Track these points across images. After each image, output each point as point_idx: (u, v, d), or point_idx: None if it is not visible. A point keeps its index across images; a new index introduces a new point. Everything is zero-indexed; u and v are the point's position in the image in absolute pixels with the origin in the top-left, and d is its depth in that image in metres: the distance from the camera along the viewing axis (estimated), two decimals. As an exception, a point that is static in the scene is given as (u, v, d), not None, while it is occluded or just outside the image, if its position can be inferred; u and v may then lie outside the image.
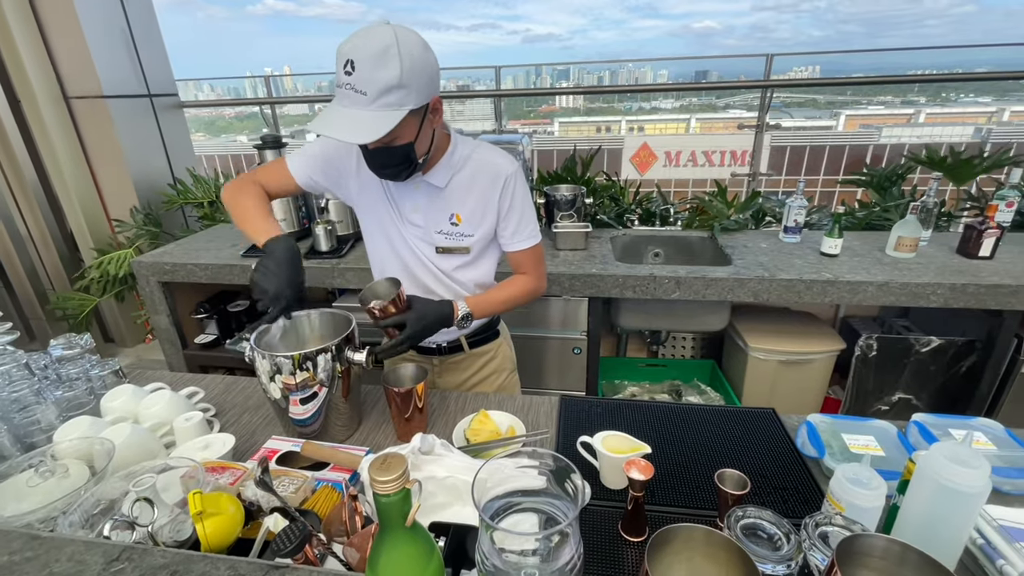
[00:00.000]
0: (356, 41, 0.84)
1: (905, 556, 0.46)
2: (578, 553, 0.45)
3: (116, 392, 1.01)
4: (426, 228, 1.10)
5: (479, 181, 1.07)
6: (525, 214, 1.11)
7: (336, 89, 0.87)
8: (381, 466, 0.41)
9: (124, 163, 2.72)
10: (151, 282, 2.17)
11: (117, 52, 2.67)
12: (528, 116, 18.75)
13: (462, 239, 1.10)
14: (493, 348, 1.29)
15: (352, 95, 0.85)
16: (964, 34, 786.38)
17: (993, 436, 0.90)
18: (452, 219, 1.09)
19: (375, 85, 0.84)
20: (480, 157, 1.07)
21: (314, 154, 1.10)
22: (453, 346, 1.23)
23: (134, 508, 0.65)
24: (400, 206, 1.10)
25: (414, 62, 0.85)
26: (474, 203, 1.08)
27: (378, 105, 0.85)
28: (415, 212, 1.10)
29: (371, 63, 0.83)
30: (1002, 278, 1.66)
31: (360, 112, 0.86)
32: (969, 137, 10.30)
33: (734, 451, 0.95)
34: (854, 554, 0.46)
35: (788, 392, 2.02)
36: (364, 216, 1.16)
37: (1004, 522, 0.71)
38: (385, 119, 0.86)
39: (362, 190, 1.11)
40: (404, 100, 0.87)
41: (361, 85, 0.84)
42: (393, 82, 0.84)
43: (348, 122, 0.86)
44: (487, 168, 1.07)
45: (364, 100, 0.85)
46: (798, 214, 2.02)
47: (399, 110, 0.87)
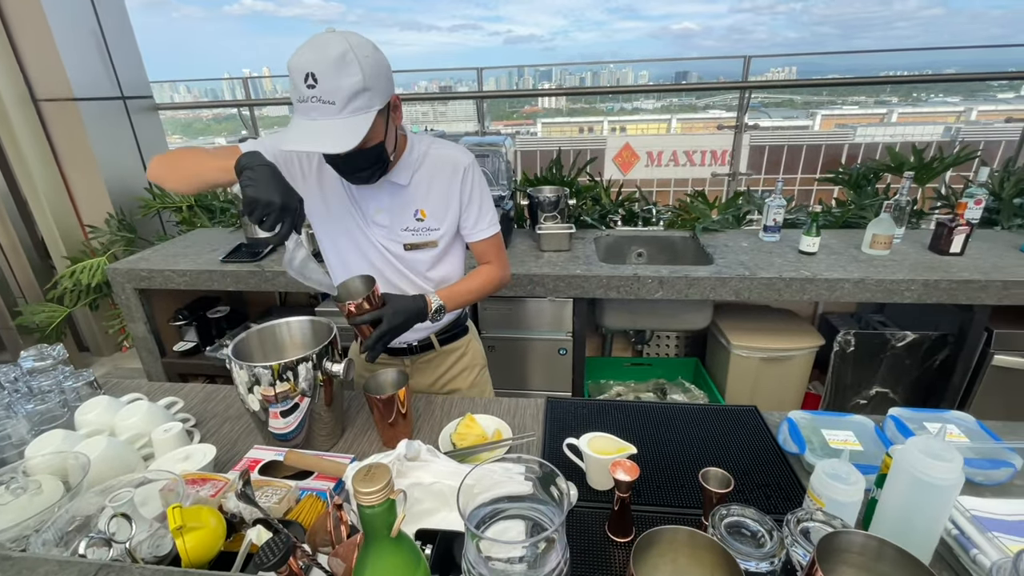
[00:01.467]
0: (310, 54, 0.83)
1: (882, 551, 0.47)
2: (564, 559, 0.45)
3: (91, 404, 0.98)
4: (391, 227, 1.10)
5: (439, 175, 1.09)
6: (484, 203, 1.14)
7: (299, 105, 0.86)
8: (365, 477, 0.41)
9: (97, 167, 2.65)
10: (127, 289, 2.12)
11: (88, 54, 2.60)
12: (511, 117, 18.76)
13: (429, 233, 1.11)
14: (463, 344, 1.30)
15: (320, 107, 0.84)
16: (933, 36, 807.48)
17: (966, 429, 0.92)
18: (417, 215, 1.10)
19: (342, 93, 0.83)
20: (437, 152, 1.09)
21: (279, 152, 1.06)
22: (424, 344, 1.24)
23: (111, 524, 0.64)
24: (364, 209, 1.10)
25: (371, 63, 0.86)
26: (437, 197, 1.10)
27: (348, 111, 0.85)
28: (379, 212, 1.10)
29: (333, 72, 0.83)
30: (972, 273, 1.71)
31: (332, 122, 0.85)
32: (939, 136, 10.61)
33: (718, 449, 0.96)
34: (834, 551, 0.47)
35: (770, 388, 2.05)
36: (325, 224, 1.15)
37: (977, 512, 0.73)
38: (358, 124, 0.86)
39: (325, 198, 1.10)
40: (371, 102, 0.87)
41: (328, 95, 0.83)
42: (358, 86, 0.84)
43: (322, 134, 0.85)
44: (445, 162, 1.09)
45: (334, 109, 0.84)
46: (777, 213, 2.06)
47: (368, 112, 0.87)
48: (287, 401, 0.92)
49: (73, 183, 2.71)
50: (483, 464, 0.54)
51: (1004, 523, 0.71)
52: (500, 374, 2.13)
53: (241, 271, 2.03)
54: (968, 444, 0.88)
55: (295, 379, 0.91)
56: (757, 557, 0.59)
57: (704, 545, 0.49)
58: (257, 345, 1.01)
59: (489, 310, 2.02)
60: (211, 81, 4.96)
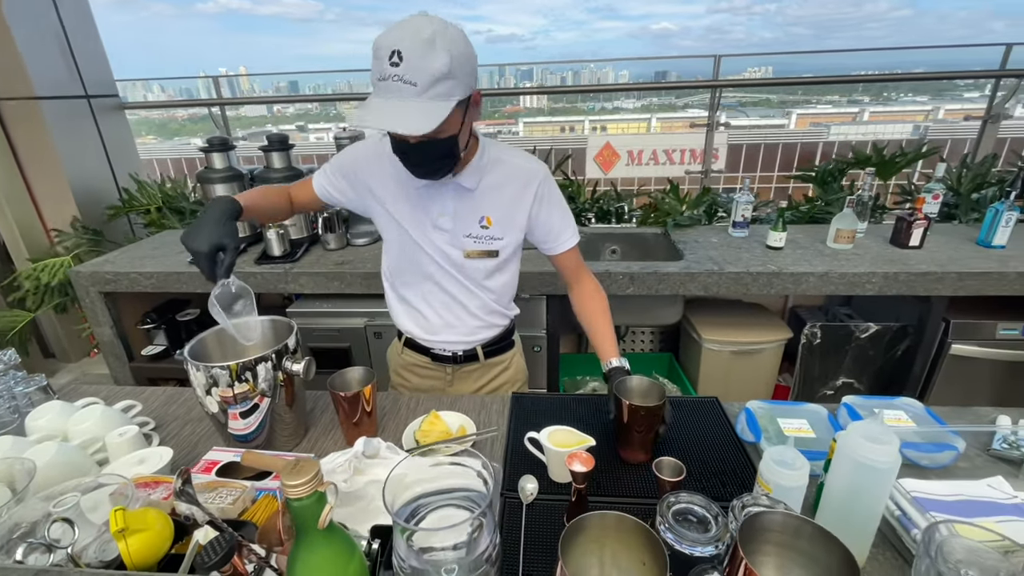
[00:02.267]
0: (400, 32, 0.80)
1: (801, 528, 0.49)
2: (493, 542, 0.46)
3: (42, 409, 0.96)
4: (454, 232, 1.07)
5: (510, 184, 1.06)
6: (565, 214, 1.11)
7: (378, 84, 0.83)
8: (292, 470, 0.41)
9: (60, 168, 2.58)
10: (91, 293, 2.07)
11: (49, 51, 2.52)
12: (493, 116, 18.75)
13: (492, 242, 1.08)
14: (507, 358, 1.28)
15: (400, 87, 0.81)
16: (902, 36, 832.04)
17: (913, 414, 0.96)
18: (482, 222, 1.07)
19: (425, 75, 0.80)
20: (510, 160, 1.07)
21: (337, 167, 1.09)
22: (469, 355, 1.22)
23: (52, 529, 0.62)
24: (426, 212, 1.07)
25: (459, 51, 0.83)
26: (505, 205, 1.06)
27: (429, 95, 0.82)
28: (443, 216, 1.06)
29: (420, 52, 0.79)
30: (929, 266, 1.77)
31: (410, 103, 0.82)
32: (908, 134, 10.91)
33: (678, 439, 0.98)
34: (756, 531, 0.49)
35: (741, 381, 2.09)
36: (388, 225, 1.12)
37: (918, 494, 0.75)
38: (437, 109, 0.82)
39: (390, 196, 1.08)
40: (452, 91, 0.84)
41: (411, 75, 0.80)
42: (443, 71, 0.81)
43: (398, 113, 0.82)
44: (519, 172, 1.06)
45: (414, 91, 0.81)
46: (745, 209, 2.10)
47: (448, 100, 0.84)
48: (246, 402, 0.91)
49: (35, 184, 2.63)
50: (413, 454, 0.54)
51: (943, 503, 0.74)
52: (475, 372, 2.13)
53: (210, 273, 2.00)
54: (914, 429, 0.91)
55: (254, 379, 0.90)
56: (702, 542, 0.60)
57: (631, 528, 0.50)
58: (215, 346, 0.99)
59: (463, 308, 2.01)
60: (186, 80, 4.84)
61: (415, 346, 1.24)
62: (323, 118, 13.16)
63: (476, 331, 1.20)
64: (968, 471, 0.87)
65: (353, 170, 1.09)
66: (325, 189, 1.12)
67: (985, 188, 2.25)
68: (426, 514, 0.51)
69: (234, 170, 2.19)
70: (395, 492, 0.48)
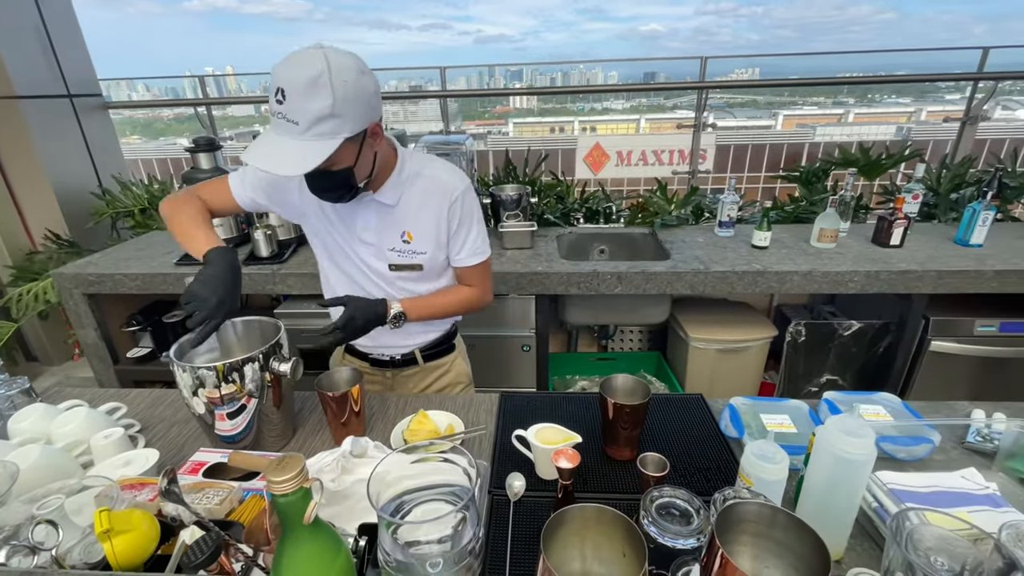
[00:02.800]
0: (287, 69, 0.81)
1: (775, 518, 0.50)
2: (476, 535, 0.47)
3: (25, 412, 0.95)
4: (378, 246, 1.09)
5: (430, 199, 1.06)
6: (473, 231, 1.11)
7: (271, 116, 0.85)
8: (278, 467, 0.41)
9: (42, 168, 2.54)
10: (75, 295, 2.04)
11: (30, 49, 2.49)
12: (483, 117, 18.72)
13: (414, 256, 1.09)
14: (448, 362, 1.29)
15: (284, 124, 0.83)
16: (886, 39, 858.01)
17: (892, 409, 0.98)
18: (403, 236, 1.08)
19: (306, 116, 0.82)
20: (430, 174, 1.06)
21: (255, 176, 1.08)
22: (407, 359, 1.23)
23: (35, 531, 0.62)
24: (350, 225, 1.08)
25: (347, 90, 0.83)
26: (425, 220, 1.07)
27: (311, 135, 0.83)
28: (366, 230, 1.08)
29: (301, 94, 0.81)
30: (909, 264, 1.81)
31: (293, 142, 0.84)
32: (892, 135, 11.09)
33: (663, 436, 0.99)
34: (733, 521, 0.50)
35: (727, 378, 2.12)
36: (312, 235, 1.14)
37: (894, 486, 0.77)
38: (318, 149, 0.84)
39: (309, 211, 1.09)
40: (338, 129, 0.84)
41: (292, 115, 0.82)
42: (325, 112, 0.82)
43: (279, 153, 0.84)
44: (437, 186, 1.06)
45: (296, 130, 0.83)
46: (731, 209, 2.13)
47: (333, 139, 0.84)
48: (233, 403, 0.90)
49: (16, 185, 2.59)
50: (396, 452, 0.55)
51: (918, 494, 0.76)
52: (465, 372, 2.13)
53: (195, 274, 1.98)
54: (892, 423, 0.93)
55: (241, 380, 0.89)
56: (684, 535, 0.61)
57: (611, 520, 0.51)
58: (202, 347, 0.99)
59: (452, 308, 2.02)
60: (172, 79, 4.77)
61: (354, 351, 1.26)
62: (311, 118, 13.00)
63: (413, 336, 1.21)
64: (943, 463, 0.89)
65: (273, 183, 1.08)
66: (251, 198, 1.10)
67: (963, 188, 2.30)
68: (410, 509, 0.52)
69: (221, 170, 2.18)
70: (379, 489, 0.48)
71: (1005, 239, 2.01)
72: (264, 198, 1.10)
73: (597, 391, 0.93)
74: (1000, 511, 0.73)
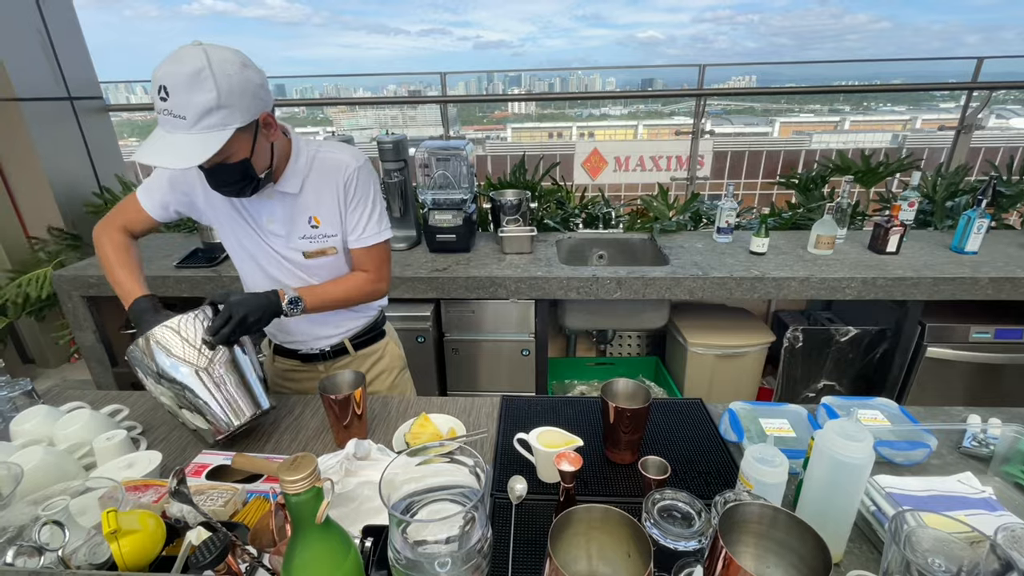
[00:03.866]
0: (167, 67, 0.83)
1: (776, 518, 0.51)
2: (485, 536, 0.47)
3: (28, 414, 0.95)
4: (288, 236, 1.09)
5: (327, 179, 1.07)
6: (368, 209, 1.11)
7: (157, 116, 0.86)
8: (291, 466, 0.42)
9: (41, 170, 2.54)
10: (74, 297, 2.04)
11: (31, 52, 2.49)
12: (481, 122, 18.77)
13: (325, 240, 1.10)
14: (380, 348, 1.30)
15: (172, 120, 0.84)
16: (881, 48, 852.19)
17: (889, 414, 0.99)
18: (311, 222, 1.09)
19: (192, 109, 0.83)
20: (324, 156, 1.07)
21: (159, 184, 1.09)
22: (337, 349, 1.23)
23: (42, 532, 0.62)
24: (257, 219, 1.09)
25: (231, 82, 0.84)
26: (327, 202, 1.08)
27: (200, 128, 0.84)
28: (272, 222, 1.08)
29: (185, 88, 0.82)
30: (905, 271, 1.82)
31: (183, 136, 0.85)
32: (888, 142, 11.18)
33: (663, 440, 1.00)
34: (736, 522, 0.51)
35: (725, 383, 2.13)
36: (223, 233, 1.14)
37: (892, 490, 0.78)
38: (210, 141, 0.85)
39: (213, 209, 1.09)
40: (227, 120, 0.86)
41: (179, 110, 0.83)
42: (211, 104, 0.83)
43: (172, 147, 0.85)
44: (331, 165, 1.07)
45: (184, 124, 0.84)
46: (729, 215, 2.14)
47: (224, 130, 0.86)
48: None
49: (16, 187, 2.59)
50: (404, 453, 0.55)
51: (915, 498, 0.77)
52: (463, 377, 2.14)
53: (197, 276, 1.99)
54: (889, 427, 0.94)
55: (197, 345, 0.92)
56: (686, 536, 0.62)
57: (617, 521, 0.52)
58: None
59: (452, 312, 2.03)
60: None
61: (283, 351, 1.26)
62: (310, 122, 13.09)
63: (340, 323, 1.21)
64: (940, 468, 0.90)
65: (177, 188, 1.09)
66: (161, 208, 1.11)
67: (959, 196, 2.32)
68: (419, 509, 0.52)
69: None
70: (389, 491, 0.49)
71: (999, 247, 2.04)
72: (172, 203, 1.10)
73: (597, 395, 0.94)
74: (996, 515, 0.74)
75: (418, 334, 2.00)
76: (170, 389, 0.92)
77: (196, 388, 0.92)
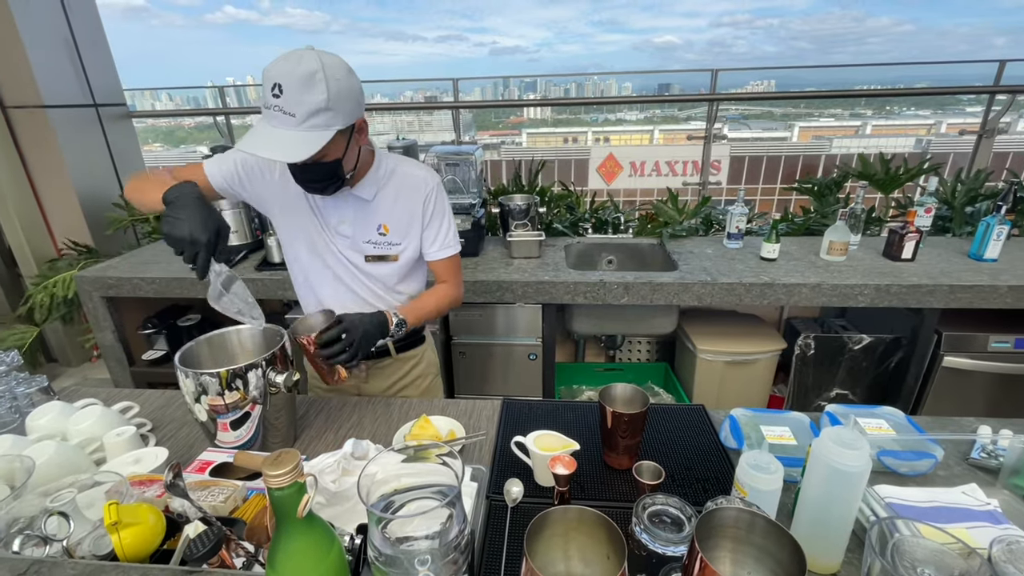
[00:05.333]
0: (283, 66, 0.87)
1: (754, 522, 0.50)
2: (462, 531, 0.48)
3: (43, 410, 0.98)
4: (354, 238, 1.15)
5: (404, 193, 1.13)
6: (444, 224, 1.18)
7: (264, 110, 0.91)
8: (274, 461, 0.43)
9: (67, 175, 2.63)
10: (94, 298, 2.10)
11: (59, 60, 2.59)
12: (497, 127, 18.86)
13: (390, 248, 1.16)
14: (419, 353, 1.33)
15: (281, 116, 0.89)
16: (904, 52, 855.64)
17: (894, 423, 0.97)
18: (380, 229, 1.14)
19: (303, 107, 0.88)
20: (404, 171, 1.14)
21: (234, 161, 1.12)
22: (380, 351, 1.26)
23: (48, 523, 0.64)
24: (327, 219, 1.14)
25: (340, 86, 0.90)
26: (400, 213, 1.14)
27: (306, 126, 0.89)
28: (343, 223, 1.14)
29: (298, 87, 0.87)
30: (921, 278, 1.78)
31: (289, 132, 0.89)
32: (911, 147, 10.94)
33: (662, 445, 1.00)
34: (714, 527, 0.50)
35: (735, 391, 2.10)
36: (287, 229, 1.18)
37: (892, 500, 0.77)
38: (313, 139, 0.90)
39: (286, 204, 1.14)
40: (331, 121, 0.91)
41: (289, 107, 0.88)
42: (320, 105, 0.88)
43: (278, 142, 0.90)
44: (411, 181, 1.14)
45: (293, 121, 0.89)
46: (739, 220, 2.12)
47: (327, 130, 0.91)
48: (236, 411, 0.91)
49: (43, 192, 2.69)
50: (388, 451, 0.56)
51: (916, 509, 0.75)
52: (470, 380, 2.15)
53: (211, 278, 2.03)
54: (894, 437, 0.92)
55: (245, 387, 0.90)
56: (674, 542, 0.62)
57: (594, 522, 0.52)
58: (207, 354, 1.01)
59: (460, 316, 2.04)
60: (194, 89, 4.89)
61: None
62: (329, 127, 13.34)
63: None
64: (946, 479, 0.88)
65: (252, 174, 1.12)
66: (226, 182, 1.11)
67: (979, 202, 2.27)
68: (400, 507, 0.53)
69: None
70: (369, 486, 0.50)
71: (1020, 254, 1.98)
72: (238, 184, 1.12)
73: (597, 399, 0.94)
74: (1000, 528, 0.72)
75: (426, 337, 2.02)
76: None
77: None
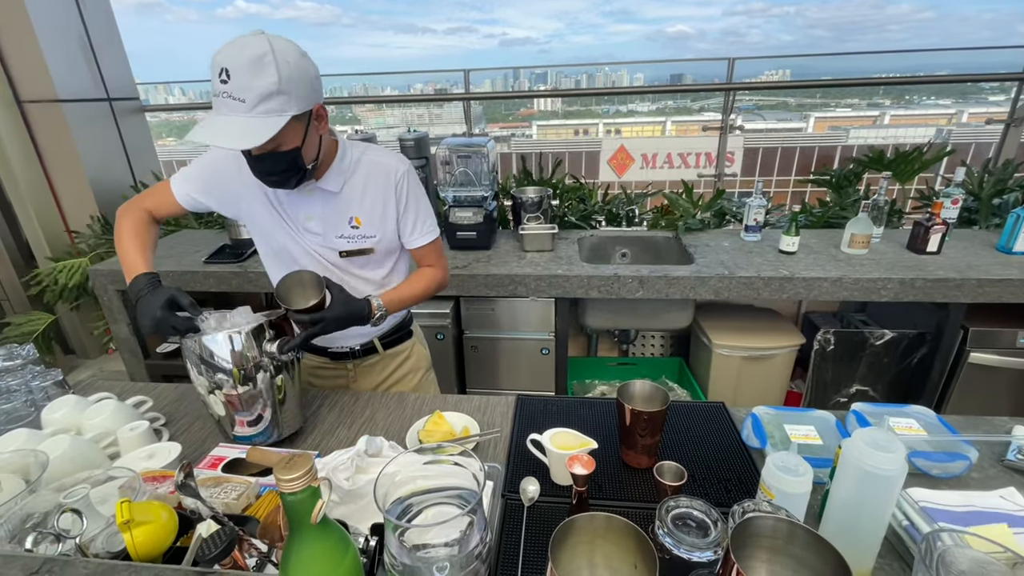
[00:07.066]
0: (230, 50, 0.83)
1: (793, 533, 0.48)
2: (484, 539, 0.46)
3: (58, 403, 0.98)
4: (325, 235, 1.09)
5: (373, 182, 1.08)
6: (420, 210, 1.14)
7: (214, 99, 0.86)
8: (286, 465, 0.41)
9: (82, 169, 2.65)
10: (109, 291, 2.12)
11: (73, 55, 2.60)
12: (507, 119, 18.76)
13: (365, 240, 1.11)
14: (407, 348, 1.30)
15: (231, 103, 0.84)
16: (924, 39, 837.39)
17: (925, 423, 0.93)
18: (351, 222, 1.09)
19: (252, 92, 0.83)
20: (371, 159, 1.08)
21: (197, 174, 1.10)
22: (367, 348, 1.23)
23: (61, 519, 0.64)
24: (294, 216, 1.09)
25: (291, 69, 0.85)
26: (371, 204, 1.09)
27: (259, 112, 0.85)
28: (310, 220, 1.08)
29: (247, 71, 0.83)
30: (947, 272, 1.73)
31: (240, 119, 0.85)
32: (931, 138, 10.66)
33: (682, 444, 0.97)
34: (749, 536, 0.48)
35: (752, 387, 2.06)
36: (257, 231, 1.14)
37: (926, 503, 0.74)
38: (267, 124, 0.85)
39: (251, 205, 1.09)
40: (285, 106, 0.86)
41: (239, 92, 0.83)
42: (271, 88, 0.84)
43: (228, 129, 0.85)
44: (380, 169, 1.08)
45: (244, 107, 0.84)
46: (757, 213, 2.07)
47: (281, 116, 0.86)
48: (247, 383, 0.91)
49: (58, 185, 2.71)
50: (406, 453, 0.54)
51: (952, 514, 0.72)
52: (482, 374, 2.13)
53: (224, 272, 2.03)
54: (925, 438, 0.89)
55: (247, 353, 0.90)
56: (700, 547, 0.59)
57: (621, 529, 0.49)
58: None
59: (471, 310, 2.02)
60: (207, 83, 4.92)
61: (312, 348, 1.25)
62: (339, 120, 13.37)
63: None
64: (980, 481, 0.84)
65: (213, 179, 1.09)
66: (191, 197, 1.11)
67: (1007, 193, 2.19)
68: (419, 511, 0.51)
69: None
70: (386, 490, 0.48)
71: (1052, 247, 1.91)
72: (203, 195, 1.10)
73: (614, 397, 0.91)
74: (1043, 535, 0.68)
75: (437, 331, 2.00)
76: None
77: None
